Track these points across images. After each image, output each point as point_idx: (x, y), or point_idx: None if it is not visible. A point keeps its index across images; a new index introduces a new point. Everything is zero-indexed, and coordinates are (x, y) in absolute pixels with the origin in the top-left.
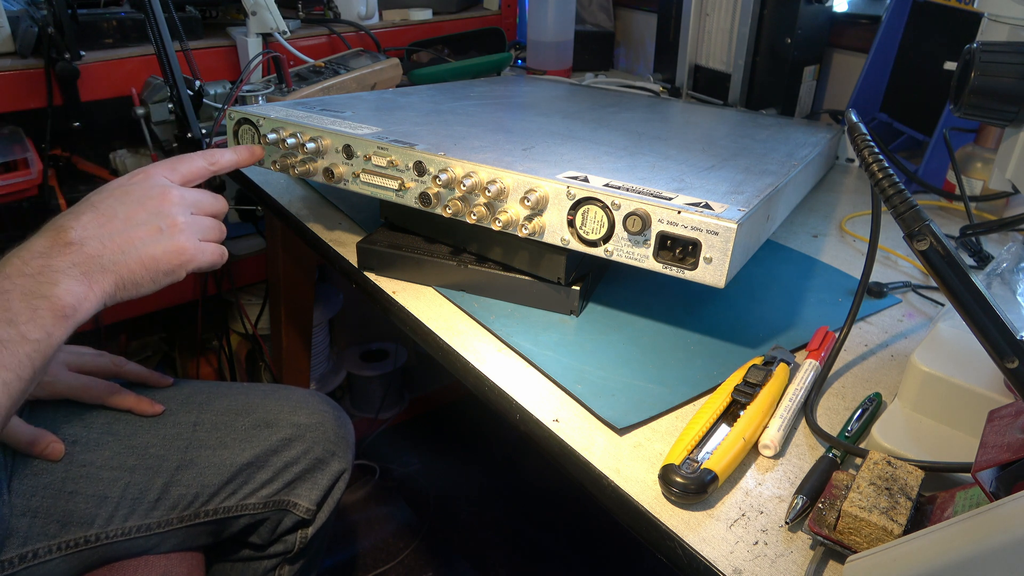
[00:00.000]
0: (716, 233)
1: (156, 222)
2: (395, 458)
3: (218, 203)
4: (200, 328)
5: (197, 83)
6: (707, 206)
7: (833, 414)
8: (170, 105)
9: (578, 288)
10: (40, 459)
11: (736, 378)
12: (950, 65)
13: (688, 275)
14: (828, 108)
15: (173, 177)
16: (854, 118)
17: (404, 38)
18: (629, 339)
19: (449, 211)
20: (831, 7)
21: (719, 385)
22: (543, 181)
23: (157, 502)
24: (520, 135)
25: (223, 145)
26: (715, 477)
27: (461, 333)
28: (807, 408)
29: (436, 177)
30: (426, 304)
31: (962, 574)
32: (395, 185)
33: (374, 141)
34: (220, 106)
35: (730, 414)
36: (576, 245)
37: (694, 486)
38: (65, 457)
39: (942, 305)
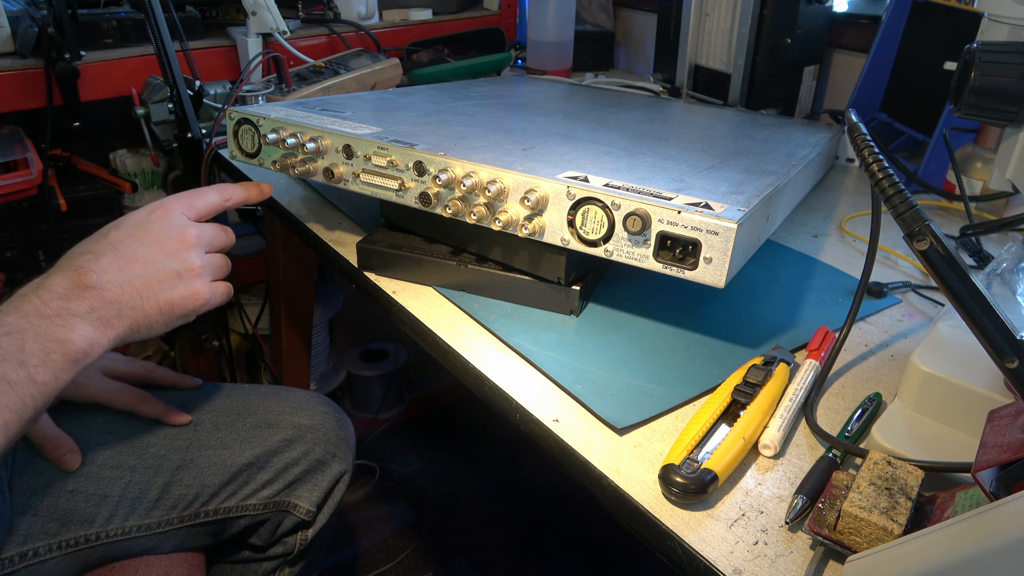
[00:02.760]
0: (716, 233)
1: (174, 266)
2: (395, 458)
3: (228, 237)
4: (200, 328)
5: (197, 83)
6: (707, 206)
7: (833, 414)
8: (170, 105)
9: (578, 288)
10: (51, 462)
11: (736, 378)
12: (950, 65)
13: (688, 275)
14: (828, 108)
15: (190, 214)
16: (854, 118)
17: (404, 38)
18: (629, 339)
19: (449, 211)
20: (831, 7)
21: (719, 385)
22: (543, 181)
23: (157, 502)
24: (520, 135)
25: (223, 145)
26: (715, 477)
27: (461, 333)
28: (807, 408)
29: (436, 177)
30: (426, 304)
31: (962, 574)
32: (395, 185)
33: (374, 141)
34: (220, 106)
35: (730, 414)
36: (576, 245)
37: (694, 486)
38: None
39: (942, 305)
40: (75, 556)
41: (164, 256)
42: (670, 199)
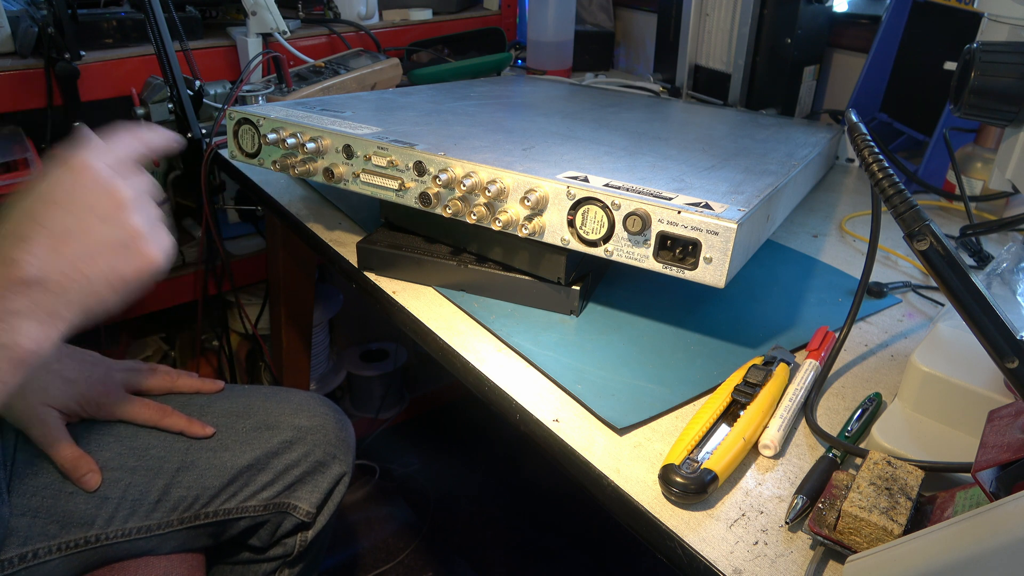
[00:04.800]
0: (716, 233)
1: (116, 234)
2: (395, 458)
3: (152, 182)
4: (200, 328)
5: (197, 83)
6: (707, 206)
7: (833, 414)
8: (170, 105)
9: (578, 288)
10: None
11: (736, 378)
12: (950, 65)
13: (688, 275)
14: (828, 108)
15: (112, 163)
16: (854, 118)
17: (404, 38)
18: (629, 339)
19: (449, 211)
20: (831, 7)
21: (719, 385)
22: (543, 181)
23: (157, 503)
24: (520, 135)
25: (223, 145)
26: (715, 477)
27: (461, 333)
28: (807, 408)
29: (436, 177)
30: (426, 304)
31: (962, 574)
32: (395, 185)
33: (374, 141)
34: (220, 106)
35: (730, 414)
36: (576, 245)
37: (694, 486)
38: None
39: (942, 305)
40: (75, 558)
41: (101, 224)
42: (670, 199)
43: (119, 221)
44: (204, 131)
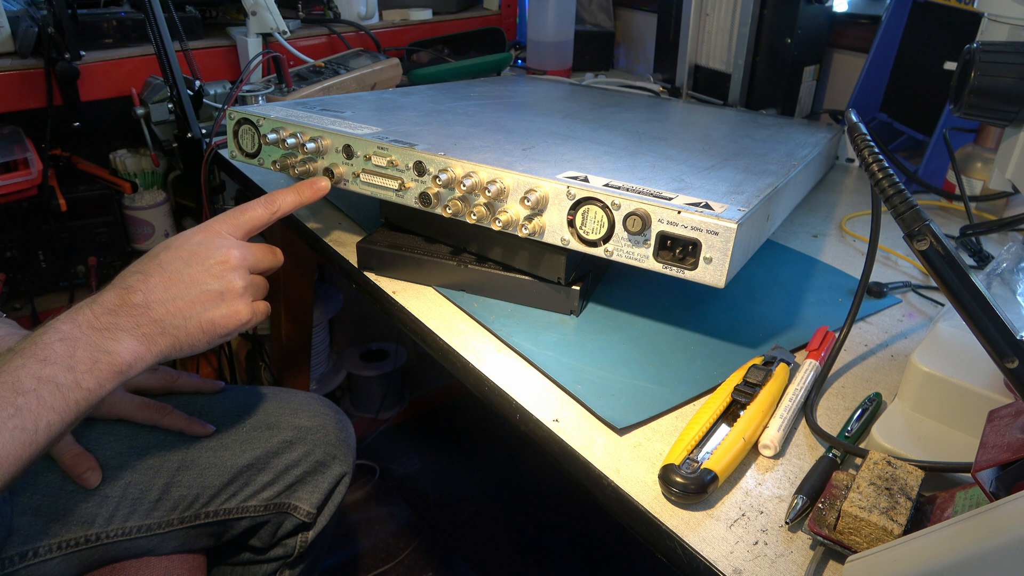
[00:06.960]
0: (716, 233)
1: (216, 286)
2: (395, 458)
3: (276, 258)
4: None
5: (197, 83)
6: (707, 206)
7: (833, 414)
8: (170, 105)
9: (578, 288)
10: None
11: (736, 378)
12: (950, 65)
13: (688, 275)
14: (828, 108)
15: (236, 233)
16: (854, 118)
17: (404, 38)
18: (629, 339)
19: (449, 211)
20: (831, 7)
21: (719, 385)
22: (543, 181)
23: (158, 502)
24: (520, 135)
25: (223, 145)
26: (715, 477)
27: (461, 333)
28: (807, 408)
29: (436, 177)
30: (426, 304)
31: (962, 574)
32: (395, 185)
33: (374, 141)
34: (220, 106)
35: (730, 414)
36: (576, 245)
37: (694, 486)
38: None
39: (942, 305)
40: (75, 556)
41: (207, 276)
42: (670, 199)
43: (222, 277)
44: (204, 131)
